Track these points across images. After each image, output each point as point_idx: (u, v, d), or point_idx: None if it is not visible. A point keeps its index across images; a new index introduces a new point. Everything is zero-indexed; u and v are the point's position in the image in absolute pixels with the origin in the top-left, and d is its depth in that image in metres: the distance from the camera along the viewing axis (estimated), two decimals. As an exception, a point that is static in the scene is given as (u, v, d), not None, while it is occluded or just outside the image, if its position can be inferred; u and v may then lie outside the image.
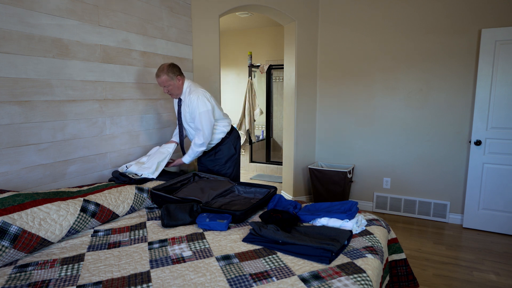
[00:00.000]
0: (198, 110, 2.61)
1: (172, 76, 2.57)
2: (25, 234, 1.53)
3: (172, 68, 2.58)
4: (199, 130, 2.65)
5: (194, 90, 2.65)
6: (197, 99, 2.60)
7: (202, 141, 2.66)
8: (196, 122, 2.64)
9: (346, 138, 4.21)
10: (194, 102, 2.60)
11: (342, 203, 2.04)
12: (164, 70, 2.55)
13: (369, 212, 2.20)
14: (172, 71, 2.58)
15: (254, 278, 1.36)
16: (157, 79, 2.59)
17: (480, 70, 3.36)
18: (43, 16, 2.10)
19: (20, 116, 2.02)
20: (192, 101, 2.61)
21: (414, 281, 2.02)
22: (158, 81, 2.60)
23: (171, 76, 2.57)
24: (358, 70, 4.03)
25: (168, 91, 2.64)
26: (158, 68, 2.58)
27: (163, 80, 2.57)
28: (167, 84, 2.59)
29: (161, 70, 2.55)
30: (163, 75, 2.55)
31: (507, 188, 3.37)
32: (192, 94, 2.62)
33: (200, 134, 2.65)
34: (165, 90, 2.64)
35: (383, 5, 3.82)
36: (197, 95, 2.60)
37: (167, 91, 2.64)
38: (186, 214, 1.94)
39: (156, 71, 2.59)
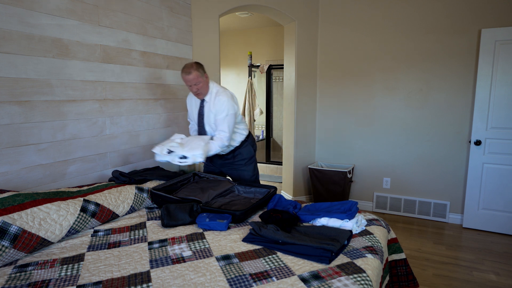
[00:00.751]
0: (227, 112, 2.48)
1: (202, 72, 2.45)
2: (25, 234, 1.53)
3: (201, 66, 2.47)
4: (223, 132, 2.50)
5: (223, 91, 2.54)
6: (227, 101, 2.48)
7: (226, 143, 2.52)
8: (220, 123, 2.50)
9: (346, 138, 4.21)
10: (224, 103, 2.47)
11: (342, 203, 2.04)
12: (194, 67, 2.41)
13: (369, 212, 2.20)
14: (202, 68, 2.46)
15: (254, 278, 1.36)
16: (187, 76, 2.40)
17: (480, 70, 3.36)
18: (43, 16, 2.10)
19: (20, 116, 2.02)
20: (222, 102, 2.48)
21: (414, 281, 2.02)
22: (187, 78, 2.41)
23: (201, 72, 2.44)
24: (358, 70, 4.03)
25: (198, 89, 2.46)
26: (186, 66, 2.42)
27: (194, 77, 2.40)
28: (197, 81, 2.43)
29: (191, 67, 2.41)
30: (194, 71, 2.40)
31: (507, 188, 3.37)
32: (221, 95, 2.50)
33: (224, 136, 2.50)
34: (194, 88, 2.46)
35: (383, 5, 3.82)
36: (227, 97, 2.49)
37: (196, 89, 2.46)
38: (186, 214, 1.94)
39: (184, 69, 2.41)
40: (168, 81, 3.16)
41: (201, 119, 2.64)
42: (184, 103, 3.39)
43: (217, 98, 2.50)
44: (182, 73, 2.43)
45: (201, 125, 2.66)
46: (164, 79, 3.11)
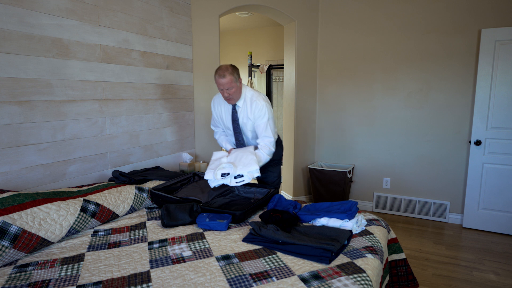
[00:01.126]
0: (268, 116, 2.38)
1: (236, 77, 2.30)
2: (25, 234, 1.53)
3: (236, 69, 2.32)
4: (267, 138, 2.40)
5: (258, 95, 2.42)
6: (265, 105, 2.37)
7: (273, 149, 2.42)
8: (263, 129, 2.39)
9: (346, 138, 4.21)
10: (263, 108, 2.36)
11: (342, 203, 2.04)
12: (229, 70, 2.26)
13: (369, 212, 2.20)
14: (237, 72, 2.32)
15: (254, 278, 1.36)
16: (220, 80, 2.26)
17: (480, 70, 3.36)
18: (43, 16, 2.10)
19: (20, 116, 2.02)
20: (261, 108, 2.36)
21: (414, 281, 2.02)
22: (220, 82, 2.26)
23: (236, 77, 2.30)
24: (358, 70, 4.03)
25: (230, 94, 2.31)
26: (220, 68, 2.28)
27: (228, 81, 2.25)
28: (231, 86, 2.28)
29: (225, 70, 2.26)
30: (229, 76, 2.25)
31: (507, 188, 3.37)
32: (258, 100, 2.38)
33: (269, 141, 2.40)
34: (225, 93, 2.31)
35: (383, 5, 3.82)
36: (265, 101, 2.39)
37: (228, 94, 2.31)
38: (186, 214, 1.94)
39: (218, 71, 2.27)
40: (168, 81, 3.16)
41: (236, 125, 2.49)
42: (184, 103, 3.39)
43: (254, 104, 2.38)
44: (216, 75, 2.28)
45: (237, 132, 2.52)
46: (164, 79, 3.11)
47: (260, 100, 2.38)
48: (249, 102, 2.39)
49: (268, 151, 2.40)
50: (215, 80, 2.31)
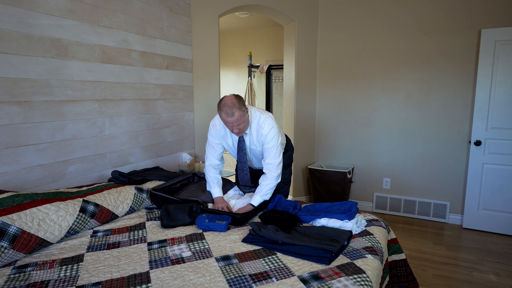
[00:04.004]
0: (277, 141, 2.18)
1: (244, 109, 2.05)
2: (24, 234, 1.53)
3: (241, 99, 2.07)
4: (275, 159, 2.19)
5: (265, 118, 2.19)
6: (274, 129, 2.17)
7: (279, 171, 2.21)
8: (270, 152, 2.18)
9: (346, 138, 4.20)
10: (271, 132, 2.16)
11: (342, 203, 2.03)
12: (236, 105, 1.99)
13: (368, 213, 2.20)
14: (243, 103, 2.06)
15: (253, 278, 1.36)
16: (229, 119, 2.00)
17: (480, 70, 3.35)
18: (42, 16, 2.09)
19: (19, 116, 2.01)
20: (269, 131, 2.16)
21: (414, 282, 2.02)
22: (229, 120, 2.01)
23: (244, 110, 2.05)
24: (358, 70, 4.03)
25: (240, 129, 2.09)
26: (225, 105, 1.99)
27: (237, 118, 2.01)
28: (241, 121, 2.04)
29: (233, 106, 1.99)
30: (237, 112, 1.99)
31: (507, 188, 3.37)
32: (266, 123, 2.16)
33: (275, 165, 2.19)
34: (235, 130, 2.08)
35: (383, 5, 3.82)
36: (271, 125, 2.17)
37: (237, 130, 2.08)
38: (185, 215, 1.94)
39: (224, 108, 1.99)
40: (168, 81, 3.16)
41: (242, 154, 2.31)
42: (183, 104, 3.39)
43: (262, 128, 2.17)
44: (222, 113, 2.01)
45: (243, 161, 2.35)
46: (164, 79, 3.11)
47: (266, 126, 2.16)
48: (255, 129, 2.20)
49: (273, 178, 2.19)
50: (221, 118, 2.04)
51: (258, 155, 2.33)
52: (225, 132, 2.28)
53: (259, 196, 2.14)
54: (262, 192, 2.15)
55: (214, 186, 2.31)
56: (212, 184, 2.32)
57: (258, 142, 2.23)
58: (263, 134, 2.17)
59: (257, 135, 2.21)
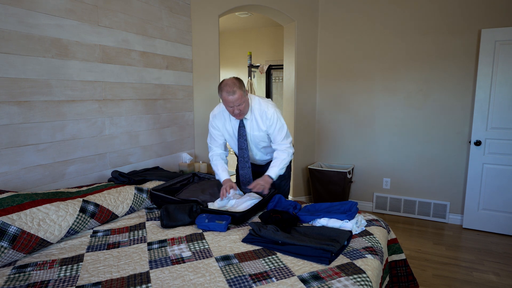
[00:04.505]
0: (280, 123, 2.25)
1: (244, 90, 2.11)
2: (24, 234, 1.53)
3: (242, 82, 2.13)
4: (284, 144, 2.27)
5: (266, 103, 2.25)
6: (275, 113, 2.22)
7: (292, 150, 2.31)
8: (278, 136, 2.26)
9: (346, 138, 4.20)
10: (274, 115, 2.22)
11: (342, 203, 2.03)
12: (237, 85, 2.06)
13: (368, 213, 2.20)
14: (243, 85, 2.12)
15: (253, 278, 1.36)
16: (230, 97, 2.05)
17: (480, 70, 3.36)
18: (42, 16, 2.09)
19: (19, 116, 2.01)
20: (272, 115, 2.21)
21: (414, 282, 2.02)
22: (230, 100, 2.06)
23: (244, 90, 2.10)
24: (357, 70, 4.03)
25: (240, 110, 2.13)
26: (227, 84, 2.07)
27: (238, 97, 2.06)
28: (241, 101, 2.09)
29: (233, 85, 2.05)
30: (238, 91, 2.05)
31: (507, 188, 3.37)
32: (267, 109, 2.22)
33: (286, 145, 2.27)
34: (236, 110, 2.12)
35: (383, 5, 3.82)
36: (273, 108, 2.23)
37: (238, 111, 2.12)
38: (185, 215, 1.94)
39: (225, 87, 2.06)
40: (168, 81, 3.16)
41: (243, 141, 2.31)
42: (183, 104, 3.39)
43: (264, 114, 2.22)
44: (223, 92, 2.06)
45: (243, 148, 2.33)
46: (164, 79, 3.11)
47: (269, 108, 2.23)
48: (258, 113, 2.23)
49: (288, 154, 2.27)
50: (222, 97, 2.09)
51: (259, 142, 2.34)
52: (224, 120, 2.32)
53: (277, 168, 2.21)
54: (279, 165, 2.21)
55: (220, 172, 2.36)
56: (217, 171, 2.39)
57: (263, 125, 2.24)
58: (268, 117, 2.21)
59: (261, 119, 2.23)
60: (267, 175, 2.20)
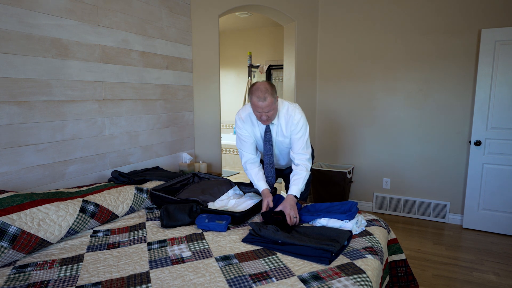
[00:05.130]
0: (304, 131, 2.15)
1: (275, 97, 2.02)
2: (24, 234, 1.53)
3: (274, 88, 2.03)
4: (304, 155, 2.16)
5: (293, 108, 2.16)
6: (301, 119, 2.14)
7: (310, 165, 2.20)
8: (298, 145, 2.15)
9: (346, 138, 4.20)
10: (299, 123, 2.12)
11: (342, 203, 2.03)
12: (269, 91, 1.97)
13: (368, 213, 2.20)
14: (275, 91, 2.03)
15: (253, 278, 1.36)
16: (260, 103, 1.96)
17: (480, 70, 3.36)
18: (42, 16, 2.09)
19: (19, 116, 2.01)
20: (297, 123, 2.12)
21: (414, 282, 2.02)
22: (260, 105, 1.97)
23: (275, 97, 2.02)
24: (358, 70, 4.03)
25: (268, 117, 2.04)
26: (258, 89, 1.97)
27: (268, 104, 1.97)
28: (271, 108, 2.00)
29: (266, 91, 1.96)
30: (269, 97, 1.96)
31: (507, 188, 3.37)
32: (294, 114, 2.13)
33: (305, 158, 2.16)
34: (263, 116, 2.03)
35: (383, 5, 3.82)
36: (300, 114, 2.15)
37: (266, 117, 2.04)
38: (185, 215, 1.94)
39: (256, 92, 1.97)
40: (168, 81, 3.16)
41: (269, 146, 2.22)
42: (183, 104, 3.39)
43: (291, 119, 2.14)
44: (254, 96, 1.98)
45: (269, 153, 2.24)
46: (164, 79, 3.11)
47: (297, 114, 2.14)
48: (284, 118, 2.15)
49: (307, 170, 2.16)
50: (252, 101, 2.00)
51: (284, 148, 2.27)
52: (251, 123, 2.22)
53: (298, 186, 2.09)
54: (300, 183, 2.10)
55: (256, 181, 2.20)
56: (253, 181, 2.22)
57: (287, 132, 2.16)
58: (293, 122, 2.13)
59: (286, 124, 2.15)
60: (292, 196, 2.05)
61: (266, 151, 2.25)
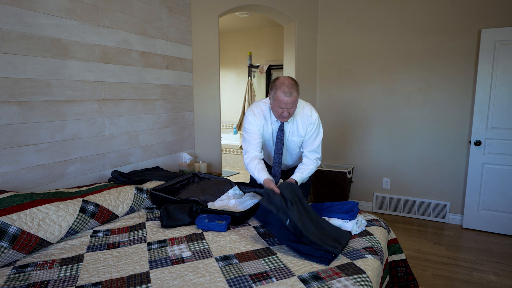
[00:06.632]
0: (319, 132, 2.14)
1: (299, 93, 2.00)
2: (24, 234, 1.53)
3: (298, 84, 2.02)
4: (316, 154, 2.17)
5: (310, 108, 2.15)
6: (317, 119, 2.12)
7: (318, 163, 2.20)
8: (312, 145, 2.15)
9: (346, 138, 4.20)
10: (316, 121, 2.11)
11: (343, 203, 2.03)
12: (295, 87, 1.94)
13: (369, 213, 2.20)
14: (299, 87, 2.01)
15: (253, 278, 1.36)
16: (286, 98, 1.91)
17: (480, 70, 3.35)
18: (42, 16, 2.09)
19: (19, 116, 2.01)
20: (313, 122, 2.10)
21: (414, 282, 2.02)
22: (286, 101, 1.92)
23: (299, 94, 2.00)
24: (357, 70, 4.03)
25: (290, 113, 2.00)
26: (284, 84, 1.93)
27: (294, 99, 1.94)
28: (295, 104, 1.97)
29: (292, 87, 1.92)
30: (295, 93, 1.94)
31: (507, 188, 3.37)
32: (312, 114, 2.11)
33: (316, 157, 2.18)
34: (285, 112, 1.98)
35: (383, 5, 3.82)
36: (316, 114, 2.13)
37: (288, 114, 1.99)
38: (185, 215, 1.94)
39: (282, 87, 1.92)
40: (168, 81, 3.16)
41: (280, 145, 2.17)
42: (183, 104, 3.39)
43: (307, 118, 2.11)
44: (279, 91, 1.92)
45: (279, 152, 2.19)
46: (164, 79, 3.11)
47: (314, 113, 2.12)
48: (299, 117, 2.12)
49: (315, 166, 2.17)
50: (276, 96, 1.94)
51: (294, 147, 2.22)
52: (264, 120, 2.15)
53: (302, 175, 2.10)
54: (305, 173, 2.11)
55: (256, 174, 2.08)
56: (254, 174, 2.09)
57: (303, 131, 2.12)
58: (311, 121, 2.09)
59: (302, 123, 2.11)
60: (293, 180, 2.07)
61: (277, 150, 2.19)
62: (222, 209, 2.10)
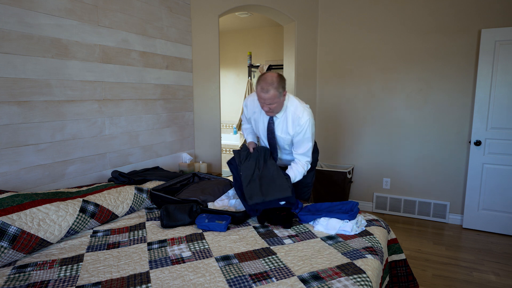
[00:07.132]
0: (309, 135, 2.13)
1: (281, 92, 2.01)
2: (24, 234, 1.53)
3: (282, 81, 2.02)
4: (304, 157, 2.18)
5: (302, 110, 2.12)
6: (307, 122, 2.10)
7: (306, 169, 2.20)
8: (300, 148, 2.17)
9: (346, 138, 4.20)
10: (305, 125, 2.10)
11: (343, 203, 2.04)
12: (274, 84, 1.96)
13: (368, 213, 2.20)
14: (282, 86, 2.02)
15: (253, 278, 1.36)
16: (262, 94, 1.98)
17: (480, 70, 3.35)
18: (42, 16, 2.09)
19: (19, 116, 2.01)
20: (303, 124, 2.10)
21: (414, 282, 2.02)
22: (262, 96, 1.99)
23: (280, 92, 2.00)
24: (357, 70, 4.03)
25: (270, 109, 2.05)
26: (264, 80, 1.98)
27: (270, 97, 1.97)
28: (273, 101, 2.00)
29: (270, 84, 1.96)
30: (273, 91, 1.96)
31: (507, 188, 3.37)
32: (302, 116, 2.10)
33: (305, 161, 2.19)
34: (265, 107, 2.04)
35: (383, 5, 3.82)
36: (308, 117, 2.10)
37: (268, 109, 2.05)
38: (185, 215, 1.94)
39: (261, 83, 1.99)
40: (168, 81, 3.16)
41: (272, 136, 2.23)
42: (183, 104, 3.39)
43: (297, 119, 2.11)
44: (258, 86, 2.00)
45: (271, 145, 2.26)
46: (164, 79, 3.11)
47: (305, 116, 2.10)
48: (291, 116, 2.13)
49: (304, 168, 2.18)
50: (256, 90, 2.03)
51: (283, 145, 2.26)
52: (259, 109, 2.21)
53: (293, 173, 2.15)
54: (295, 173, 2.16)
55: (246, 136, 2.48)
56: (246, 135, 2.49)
57: (291, 130, 2.14)
58: (300, 123, 2.10)
59: (292, 123, 2.13)
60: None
61: (269, 141, 2.28)
62: (222, 209, 2.10)
